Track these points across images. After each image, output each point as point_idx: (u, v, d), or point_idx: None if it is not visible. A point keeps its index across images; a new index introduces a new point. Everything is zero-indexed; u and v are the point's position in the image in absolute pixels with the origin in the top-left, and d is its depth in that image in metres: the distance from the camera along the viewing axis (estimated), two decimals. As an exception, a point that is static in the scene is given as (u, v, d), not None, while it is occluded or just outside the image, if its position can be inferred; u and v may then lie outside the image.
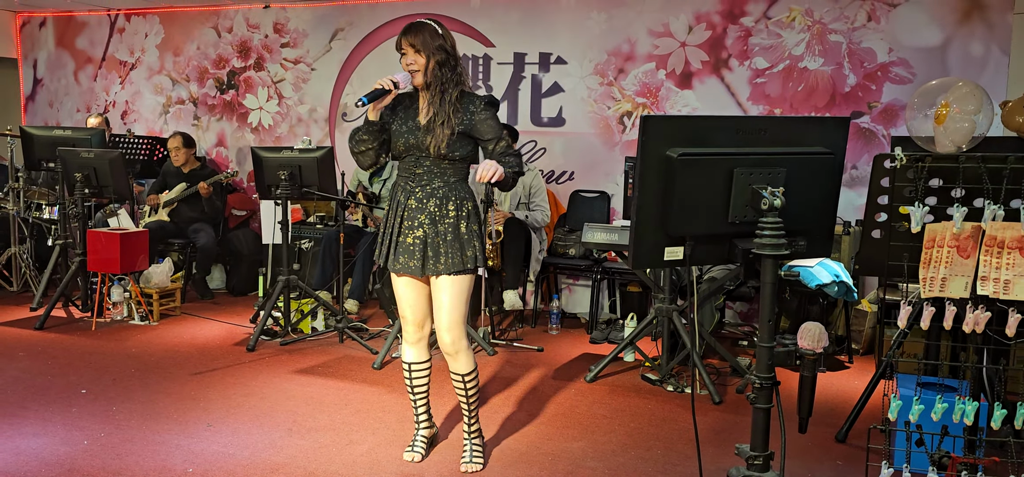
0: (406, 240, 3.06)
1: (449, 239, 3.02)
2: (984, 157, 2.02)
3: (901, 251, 2.13)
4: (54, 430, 3.53)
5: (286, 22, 6.91)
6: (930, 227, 2.07)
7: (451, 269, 3.01)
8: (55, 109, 7.83)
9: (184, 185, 6.29)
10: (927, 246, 2.06)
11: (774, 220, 2.02)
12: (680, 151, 2.00)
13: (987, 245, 2.00)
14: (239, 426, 3.62)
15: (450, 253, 3.01)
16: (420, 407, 3.33)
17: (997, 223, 2.01)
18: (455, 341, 3.09)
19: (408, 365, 3.25)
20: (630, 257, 2.07)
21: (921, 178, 2.06)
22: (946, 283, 2.05)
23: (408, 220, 3.06)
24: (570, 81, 6.09)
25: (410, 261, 3.05)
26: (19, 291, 6.23)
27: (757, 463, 2.06)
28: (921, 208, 2.06)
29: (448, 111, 2.98)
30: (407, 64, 3.00)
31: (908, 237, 2.10)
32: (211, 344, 4.98)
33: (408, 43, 2.99)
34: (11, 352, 4.69)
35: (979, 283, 2.03)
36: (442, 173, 3.04)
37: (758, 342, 2.04)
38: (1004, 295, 2.01)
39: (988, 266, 2.00)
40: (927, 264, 2.06)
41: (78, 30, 7.67)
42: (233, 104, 7.14)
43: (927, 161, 2.05)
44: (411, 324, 3.20)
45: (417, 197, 3.05)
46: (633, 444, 3.55)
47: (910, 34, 5.28)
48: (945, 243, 2.03)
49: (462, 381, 3.17)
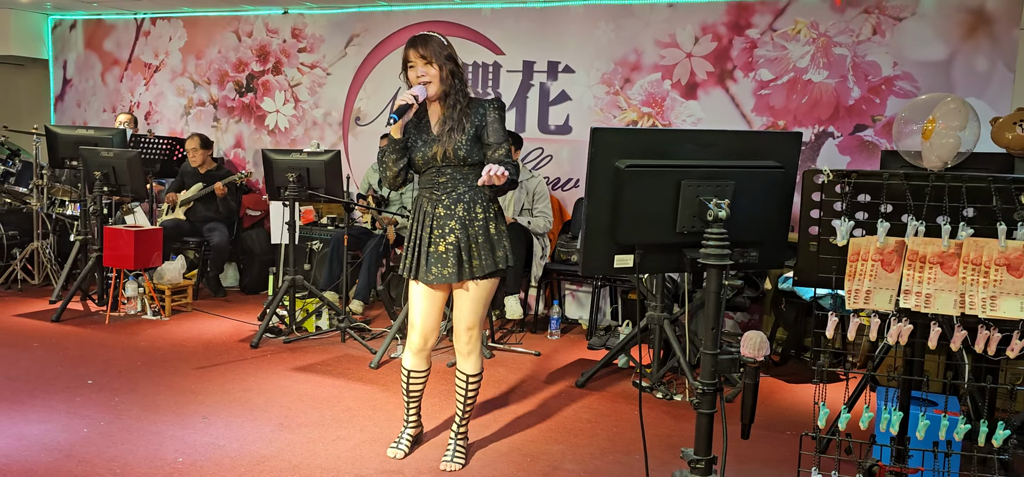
0: (438, 248, 3.10)
1: (481, 241, 3.10)
2: (907, 174, 2.06)
3: (830, 264, 2.18)
4: (57, 418, 3.69)
5: (304, 27, 7.07)
6: (854, 241, 2.12)
7: (484, 270, 3.10)
8: (83, 109, 8.09)
9: (201, 185, 6.47)
10: (851, 259, 2.10)
11: (719, 231, 2.08)
12: (628, 162, 2.07)
13: (910, 259, 2.04)
14: (233, 419, 3.75)
15: (483, 255, 3.10)
16: (411, 408, 3.42)
17: (919, 238, 2.05)
18: (472, 340, 3.20)
19: (407, 371, 3.34)
20: (579, 263, 2.15)
21: (847, 194, 2.10)
22: (871, 295, 2.09)
23: (437, 228, 3.10)
24: (577, 90, 6.17)
25: (444, 269, 3.09)
26: (41, 284, 6.45)
27: (699, 467, 2.12)
28: (846, 222, 2.10)
29: (458, 116, 3.07)
30: (418, 76, 3.06)
31: (837, 250, 2.15)
32: (217, 340, 5.13)
33: (418, 55, 3.05)
34: (27, 342, 4.88)
35: (902, 296, 2.07)
36: (464, 178, 3.11)
37: (702, 349, 2.10)
38: (925, 308, 2.05)
39: (911, 280, 2.04)
40: (852, 276, 2.11)
41: (106, 33, 7.91)
42: (251, 107, 7.33)
43: (853, 177, 2.09)
44: (419, 333, 3.25)
45: (445, 204, 3.10)
46: (613, 448, 3.61)
47: (915, 48, 5.28)
48: (869, 257, 2.08)
49: (466, 381, 3.27)
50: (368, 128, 6.86)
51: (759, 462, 3.48)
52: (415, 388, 3.37)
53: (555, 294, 6.09)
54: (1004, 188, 2.00)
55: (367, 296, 5.91)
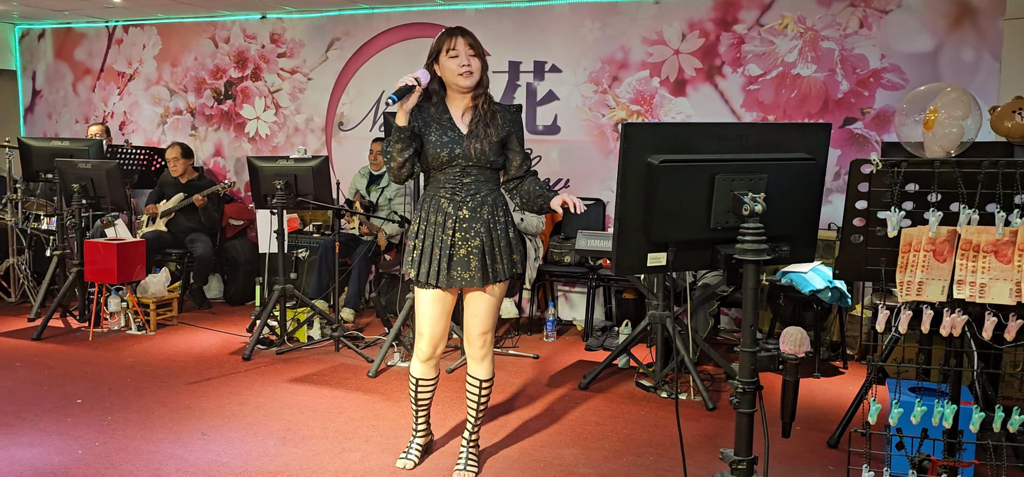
0: (460, 252, 3.02)
1: (503, 246, 3.04)
2: (959, 162, 2.04)
3: (879, 256, 2.15)
4: (49, 439, 3.55)
5: (283, 33, 6.94)
6: (906, 232, 2.09)
7: (504, 275, 3.05)
8: (54, 120, 7.87)
9: (181, 195, 6.32)
10: (903, 251, 2.08)
11: (755, 226, 2.03)
12: (661, 158, 2.02)
13: (963, 249, 2.02)
14: (233, 435, 3.64)
15: (503, 259, 3.05)
16: (420, 417, 3.34)
17: (972, 227, 2.02)
18: (486, 345, 3.14)
19: (416, 380, 3.25)
20: (613, 264, 2.09)
21: (897, 183, 2.07)
22: (923, 287, 2.07)
23: (461, 232, 3.01)
24: (565, 89, 6.12)
25: (466, 273, 3.01)
26: (17, 302, 6.25)
27: (741, 468, 2.07)
28: (898, 213, 2.07)
29: (490, 117, 3.01)
30: (461, 65, 2.94)
31: (885, 242, 2.12)
32: (207, 353, 5.00)
33: (467, 43, 2.96)
34: (8, 362, 4.71)
35: (956, 287, 2.05)
36: (487, 181, 3.04)
37: (741, 347, 2.05)
38: (980, 298, 2.02)
39: (964, 270, 2.02)
40: (904, 268, 2.08)
41: (77, 42, 7.71)
42: (230, 114, 7.18)
43: (903, 166, 2.07)
44: (427, 341, 3.16)
45: (470, 206, 3.01)
46: (625, 450, 3.56)
47: (902, 40, 5.31)
48: (921, 247, 2.05)
49: (478, 386, 3.20)
50: (351, 133, 6.75)
51: (785, 459, 3.44)
52: (424, 397, 3.30)
53: (549, 296, 6.04)
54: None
55: (357, 304, 5.81)
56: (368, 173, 6.14)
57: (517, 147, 3.07)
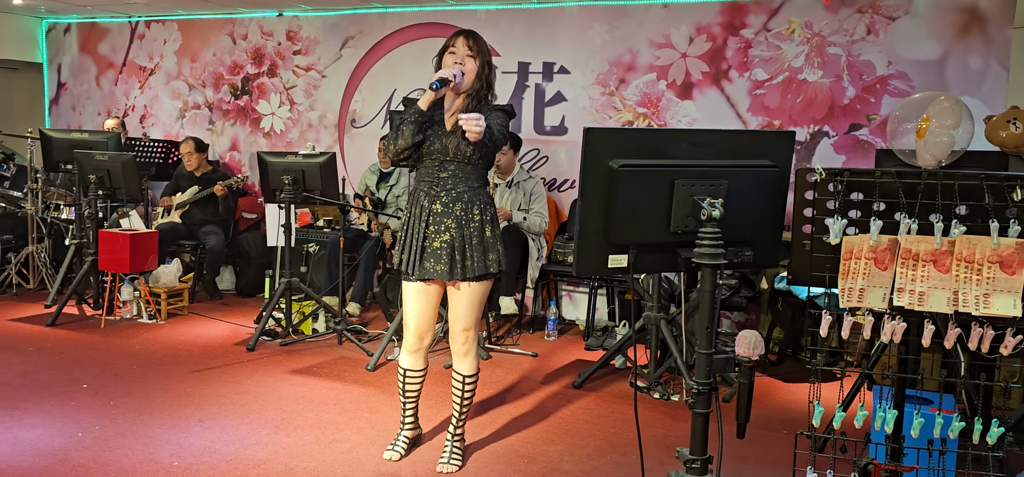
0: (433, 245, 3.11)
1: (474, 243, 3.10)
2: (899, 172, 2.06)
3: (824, 262, 2.18)
4: (52, 422, 3.68)
5: (298, 30, 7.06)
6: (847, 239, 2.12)
7: (476, 273, 3.11)
8: (78, 113, 8.07)
9: (196, 188, 6.46)
10: (845, 258, 2.11)
11: (713, 230, 2.08)
12: (621, 162, 2.07)
13: (903, 258, 2.05)
14: (229, 422, 3.74)
15: (475, 257, 3.10)
16: (408, 409, 3.42)
17: (911, 237, 2.05)
18: (468, 341, 3.21)
19: (404, 371, 3.34)
20: (574, 264, 2.14)
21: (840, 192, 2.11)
22: (864, 294, 2.10)
23: (434, 225, 3.11)
24: (573, 90, 6.17)
25: (437, 265, 3.10)
26: (36, 289, 6.44)
27: (695, 466, 2.12)
28: (839, 221, 2.10)
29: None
30: (456, 61, 3.05)
31: (831, 248, 2.16)
32: (213, 343, 5.12)
33: (466, 44, 3.07)
34: (22, 347, 4.87)
35: (896, 294, 2.07)
36: (466, 178, 3.12)
37: (697, 349, 2.10)
38: (919, 306, 2.05)
39: (904, 278, 2.05)
40: (845, 275, 2.11)
41: (100, 36, 7.90)
42: (246, 109, 7.32)
43: (845, 176, 2.10)
44: (413, 333, 3.27)
45: (443, 202, 3.10)
46: (610, 449, 3.61)
47: (909, 47, 5.28)
48: (863, 255, 2.08)
49: (463, 382, 3.27)
50: (364, 130, 6.85)
51: (755, 462, 3.48)
52: (411, 388, 3.37)
53: (552, 295, 6.09)
54: (996, 185, 2.00)
55: (364, 298, 5.90)
56: (378, 170, 6.23)
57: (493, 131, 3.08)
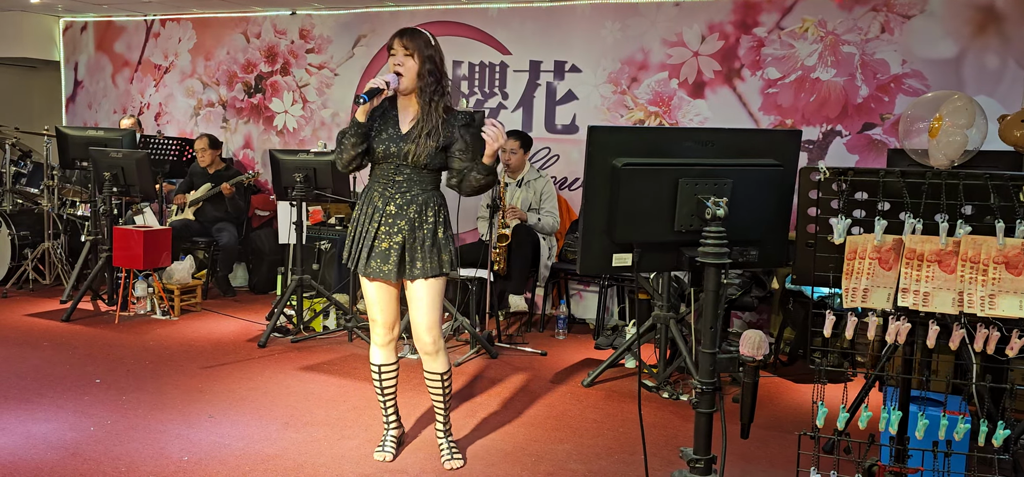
0: (382, 246, 3.11)
1: (427, 245, 3.10)
2: (904, 172, 2.05)
3: (828, 261, 2.17)
4: (65, 416, 3.71)
5: (311, 28, 7.10)
6: (851, 239, 2.10)
7: (429, 273, 3.10)
8: (94, 110, 8.15)
9: (209, 185, 6.51)
10: (849, 257, 2.09)
11: (718, 230, 2.07)
12: (624, 161, 2.07)
13: (907, 258, 2.03)
14: (239, 418, 3.77)
15: (427, 258, 3.10)
16: (389, 408, 3.42)
17: (916, 236, 2.03)
18: (435, 341, 3.20)
19: (377, 367, 3.35)
20: (578, 262, 2.14)
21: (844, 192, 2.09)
22: (868, 294, 2.08)
23: (386, 226, 3.11)
24: (584, 89, 6.16)
25: (384, 265, 3.11)
26: (52, 284, 6.51)
27: (698, 466, 2.11)
28: (843, 220, 2.09)
29: (435, 122, 3.04)
30: (395, 64, 3.03)
31: (835, 248, 2.14)
32: (225, 339, 5.15)
33: (401, 44, 3.03)
34: (37, 341, 4.92)
35: (900, 294, 2.06)
36: (421, 181, 3.11)
37: (700, 348, 2.09)
38: (923, 307, 2.03)
39: (908, 278, 2.03)
40: (849, 275, 2.10)
41: (116, 35, 7.97)
42: (260, 107, 7.36)
43: (849, 175, 2.08)
44: (381, 326, 3.29)
45: (397, 203, 3.10)
46: (619, 448, 3.60)
47: (924, 46, 5.24)
48: (867, 255, 2.06)
49: (439, 380, 3.27)
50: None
51: (762, 462, 3.46)
52: (388, 383, 3.37)
53: (562, 294, 6.09)
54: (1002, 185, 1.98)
55: (374, 296, 5.91)
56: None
57: (461, 155, 3.06)
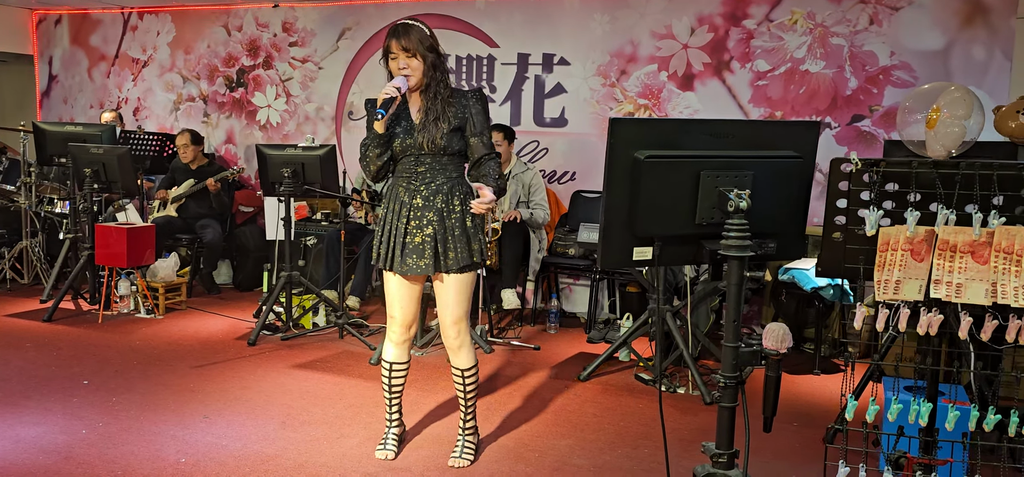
0: (415, 240, 3.07)
1: (457, 234, 3.07)
2: (937, 163, 2.04)
3: (857, 254, 2.16)
4: (54, 419, 3.62)
5: (295, 21, 6.99)
6: (884, 230, 2.10)
7: (460, 264, 3.07)
8: (70, 105, 7.97)
9: (192, 181, 6.39)
10: (881, 249, 2.08)
11: (740, 222, 2.05)
12: (647, 153, 2.04)
13: (940, 249, 2.02)
14: (234, 418, 3.70)
15: (459, 248, 3.07)
16: (394, 406, 3.37)
17: (949, 227, 2.03)
18: (460, 334, 3.17)
19: (389, 364, 3.30)
20: (599, 256, 2.11)
21: (876, 183, 2.08)
22: (900, 286, 2.07)
23: (415, 220, 3.07)
24: (573, 82, 6.13)
25: (420, 260, 3.07)
26: (30, 284, 6.36)
27: (721, 461, 2.09)
28: (876, 212, 2.08)
29: (441, 107, 3.03)
30: (400, 68, 3.01)
31: (864, 240, 2.13)
32: (213, 338, 5.06)
33: (401, 47, 3.00)
34: (19, 343, 4.80)
35: (933, 286, 2.05)
36: (443, 169, 3.08)
37: (723, 342, 2.07)
38: (956, 298, 2.03)
39: (941, 270, 2.02)
40: (881, 267, 2.09)
41: (92, 28, 7.80)
42: (242, 102, 7.24)
43: (882, 166, 2.07)
44: (399, 324, 3.24)
45: (423, 195, 3.06)
46: (621, 442, 3.58)
47: (912, 38, 5.27)
48: (899, 246, 2.06)
49: (462, 376, 3.23)
50: (361, 123, 6.78)
51: (772, 455, 3.46)
52: (397, 382, 3.32)
53: (553, 288, 6.06)
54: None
55: (364, 292, 5.85)
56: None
57: (474, 131, 3.08)
